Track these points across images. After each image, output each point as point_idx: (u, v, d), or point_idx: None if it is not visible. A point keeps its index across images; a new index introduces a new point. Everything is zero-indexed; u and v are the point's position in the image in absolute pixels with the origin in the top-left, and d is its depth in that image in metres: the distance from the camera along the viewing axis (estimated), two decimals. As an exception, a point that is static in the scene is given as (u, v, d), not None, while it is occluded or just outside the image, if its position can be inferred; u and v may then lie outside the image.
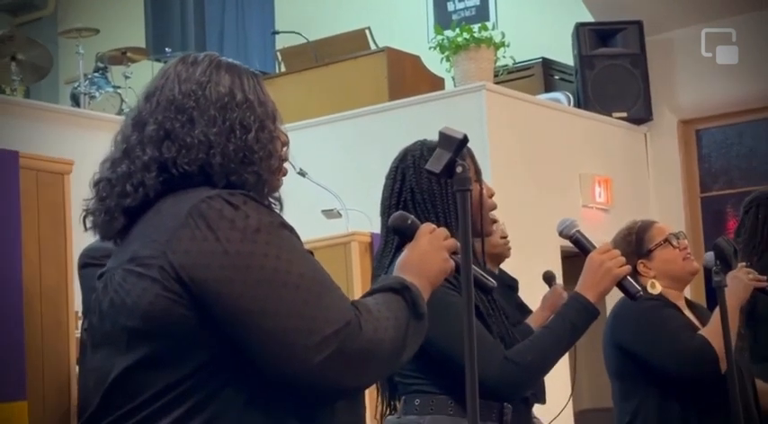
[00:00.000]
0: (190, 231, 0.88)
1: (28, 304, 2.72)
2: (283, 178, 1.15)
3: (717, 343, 2.14)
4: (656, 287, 2.35)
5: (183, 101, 0.99)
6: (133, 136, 0.99)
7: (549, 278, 2.71)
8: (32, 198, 2.74)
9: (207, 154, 0.96)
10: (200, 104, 0.99)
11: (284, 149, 1.10)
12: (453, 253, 1.28)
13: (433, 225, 1.28)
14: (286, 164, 1.17)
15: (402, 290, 1.02)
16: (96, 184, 1.01)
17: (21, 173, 2.68)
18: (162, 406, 0.89)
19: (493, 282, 1.63)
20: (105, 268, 1.02)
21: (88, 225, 1.03)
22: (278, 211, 1.04)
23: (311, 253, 1.03)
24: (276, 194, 1.09)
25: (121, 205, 0.95)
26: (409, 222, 1.40)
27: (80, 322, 3.06)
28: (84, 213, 1.03)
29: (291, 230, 0.97)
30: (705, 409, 2.22)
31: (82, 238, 3.33)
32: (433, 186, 1.76)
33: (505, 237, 2.97)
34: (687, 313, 2.40)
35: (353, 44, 6.10)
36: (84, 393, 1.38)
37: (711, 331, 2.15)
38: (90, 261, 2.25)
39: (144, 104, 1.02)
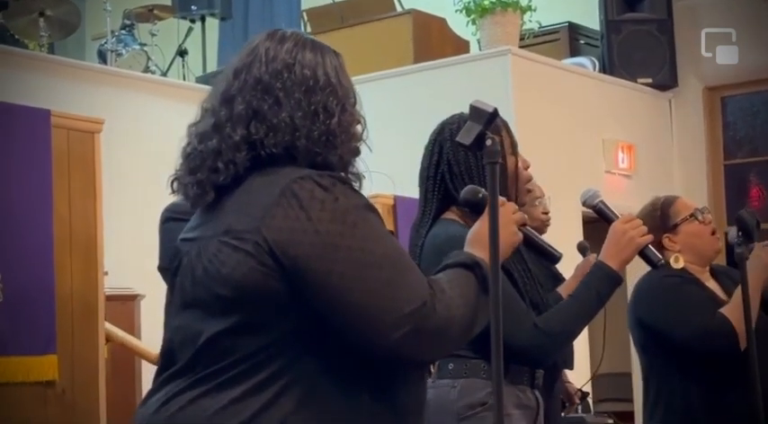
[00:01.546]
0: (283, 209, 0.94)
1: (59, 260, 2.75)
2: None
3: (736, 320, 2.12)
4: (679, 261, 2.33)
5: (270, 82, 1.04)
6: (222, 112, 1.04)
7: (583, 248, 2.68)
8: (63, 156, 2.80)
9: (293, 137, 1.01)
10: (286, 86, 1.03)
11: (361, 129, 1.15)
12: (522, 226, 1.32)
13: (504, 199, 1.29)
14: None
15: (473, 266, 1.07)
16: (188, 156, 1.06)
17: (52, 132, 2.70)
18: (246, 369, 0.94)
19: (559, 252, 1.67)
20: (195, 235, 1.08)
21: (175, 189, 1.10)
22: (357, 186, 1.09)
23: (392, 233, 1.04)
24: (355, 170, 1.13)
25: (213, 180, 1.02)
26: (480, 196, 1.40)
27: (105, 277, 3.08)
28: (173, 178, 1.09)
29: (375, 212, 1.03)
30: (726, 385, 2.20)
31: (111, 194, 3.36)
32: (469, 158, 1.76)
33: (547, 212, 2.93)
34: (711, 284, 2.36)
35: (380, 6, 6.02)
36: (168, 345, 1.38)
37: (732, 308, 2.14)
38: (173, 216, 2.32)
39: (232, 80, 1.07)
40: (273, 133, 1.01)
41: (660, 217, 2.36)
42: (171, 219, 2.37)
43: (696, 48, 6.44)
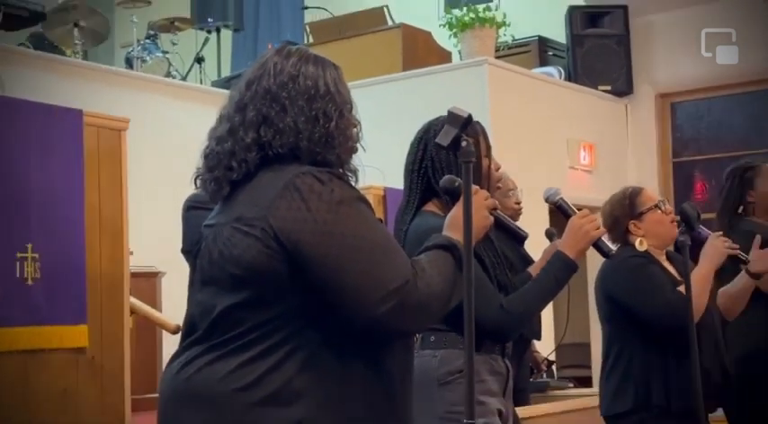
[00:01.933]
0: (286, 201, 0.95)
1: (89, 242, 2.76)
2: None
3: (693, 297, 2.15)
4: (643, 245, 2.34)
5: (277, 92, 1.05)
6: (236, 118, 1.05)
7: (550, 234, 2.64)
8: (94, 151, 2.73)
9: (296, 139, 1.02)
10: (291, 95, 1.04)
11: (356, 132, 1.15)
12: (493, 210, 1.34)
13: (477, 187, 1.28)
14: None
15: (450, 247, 1.08)
16: (206, 156, 1.08)
17: (84, 129, 2.68)
18: (255, 338, 0.95)
19: (526, 233, 1.79)
20: (213, 222, 1.09)
21: (198, 185, 1.13)
22: (354, 182, 1.09)
23: (381, 221, 1.11)
24: (352, 167, 1.14)
25: (228, 177, 1.03)
26: (456, 184, 1.39)
27: (130, 257, 3.10)
28: (196, 175, 1.12)
29: (366, 202, 1.04)
30: (681, 354, 2.21)
31: (135, 185, 3.28)
32: (449, 156, 1.70)
33: (519, 203, 2.96)
34: (667, 266, 2.38)
35: (373, 20, 5.94)
36: (190, 317, 1.39)
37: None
38: (194, 205, 2.31)
39: (245, 91, 1.07)
40: (280, 136, 1.01)
41: (628, 205, 2.39)
42: (192, 208, 2.36)
43: (650, 58, 6.52)
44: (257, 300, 0.99)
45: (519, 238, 1.90)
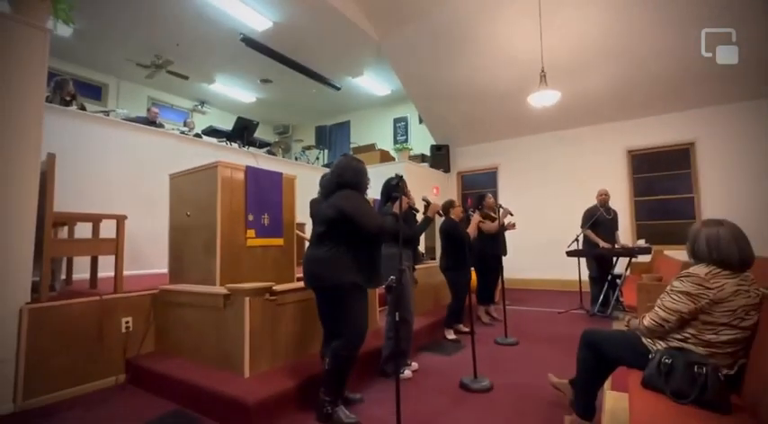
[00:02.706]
0: (343, 200, 2.79)
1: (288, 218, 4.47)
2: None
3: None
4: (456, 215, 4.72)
5: (343, 168, 2.87)
6: (330, 174, 2.89)
7: (426, 201, 3.92)
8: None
9: (347, 181, 2.83)
10: (346, 169, 2.92)
11: (366, 181, 3.06)
12: (408, 203, 3.26)
13: (405, 197, 3.16)
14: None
15: (395, 214, 3.01)
16: (321, 185, 3.08)
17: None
18: (332, 241, 2.85)
19: (417, 210, 3.66)
20: (319, 206, 2.97)
21: (319, 192, 3.00)
22: (365, 194, 2.80)
23: (372, 206, 2.72)
24: (366, 192, 2.93)
25: (328, 191, 2.86)
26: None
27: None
28: (318, 193, 3.22)
29: (367, 201, 2.81)
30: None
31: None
32: (397, 188, 3.50)
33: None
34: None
35: (371, 147, 10.35)
36: (312, 234, 3.17)
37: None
38: (315, 199, 3.83)
39: (333, 167, 2.82)
40: (343, 179, 2.89)
41: (450, 203, 4.73)
42: (314, 201, 3.84)
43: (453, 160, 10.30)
44: (332, 229, 2.78)
45: (416, 210, 3.55)
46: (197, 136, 7.79)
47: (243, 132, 7.65)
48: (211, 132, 7.75)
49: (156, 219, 5.93)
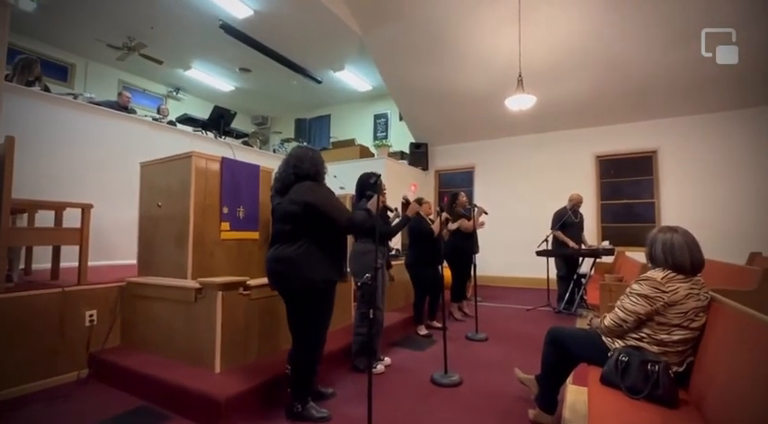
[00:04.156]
0: (308, 193, 2.59)
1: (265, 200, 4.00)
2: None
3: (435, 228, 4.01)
4: (424, 212, 4.67)
5: (300, 157, 2.75)
6: (286, 164, 2.74)
7: (406, 199, 3.90)
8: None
9: (306, 171, 2.66)
10: (305, 158, 2.80)
11: (324, 171, 2.87)
12: (384, 203, 3.18)
13: (381, 197, 2.89)
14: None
15: (369, 210, 2.76)
16: (276, 178, 2.76)
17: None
18: (296, 238, 2.70)
19: (394, 208, 3.48)
20: (279, 201, 2.76)
21: (274, 188, 2.56)
22: (324, 184, 2.71)
23: (336, 196, 2.68)
24: (324, 182, 2.76)
25: (286, 185, 2.61)
26: (408, 200, 3.39)
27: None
28: (273, 187, 2.62)
29: (332, 192, 2.75)
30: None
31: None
32: (374, 186, 3.52)
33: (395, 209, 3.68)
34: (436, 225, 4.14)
35: (350, 142, 10.35)
36: (273, 231, 2.99)
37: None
38: (271, 194, 3.17)
39: (289, 157, 2.70)
40: (300, 171, 2.70)
41: (419, 201, 4.44)
42: (271, 197, 3.22)
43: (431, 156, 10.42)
44: (296, 225, 2.61)
45: (391, 210, 3.45)
46: (171, 123, 7.54)
47: (219, 121, 7.41)
48: (186, 120, 7.37)
49: (126, 209, 5.76)
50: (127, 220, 5.71)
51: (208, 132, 7.44)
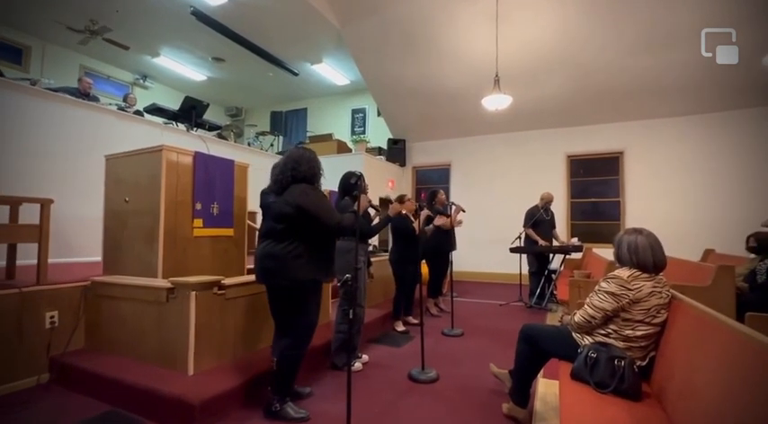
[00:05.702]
0: (301, 196, 2.64)
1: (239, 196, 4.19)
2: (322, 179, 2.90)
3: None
4: (409, 211, 4.73)
5: (296, 159, 2.75)
6: (282, 167, 2.77)
7: (387, 199, 4.99)
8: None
9: (302, 174, 2.70)
10: (301, 160, 2.81)
11: (321, 173, 2.93)
12: (370, 202, 3.17)
13: (364, 196, 2.96)
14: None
15: (356, 211, 2.76)
16: (274, 181, 2.76)
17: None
18: (287, 237, 2.73)
19: (378, 207, 3.54)
20: (273, 200, 2.76)
21: (269, 186, 2.56)
22: (320, 187, 2.75)
23: (328, 199, 2.65)
24: (319, 184, 2.82)
25: (282, 186, 2.65)
26: (355, 192, 3.31)
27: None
28: (269, 186, 2.65)
29: (323, 194, 2.81)
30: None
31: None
32: (355, 186, 3.56)
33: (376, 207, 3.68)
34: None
35: (328, 136, 10.12)
36: (264, 228, 3.06)
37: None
38: (265, 191, 3.18)
39: (285, 158, 2.69)
40: (297, 173, 2.72)
41: (401, 198, 4.64)
42: (264, 192, 3.23)
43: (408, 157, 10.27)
44: (289, 225, 2.68)
45: (376, 208, 3.50)
46: (138, 113, 7.22)
47: (191, 112, 7.03)
48: (155, 110, 6.96)
49: (89, 204, 5.44)
50: (90, 216, 5.41)
51: (179, 123, 7.14)
